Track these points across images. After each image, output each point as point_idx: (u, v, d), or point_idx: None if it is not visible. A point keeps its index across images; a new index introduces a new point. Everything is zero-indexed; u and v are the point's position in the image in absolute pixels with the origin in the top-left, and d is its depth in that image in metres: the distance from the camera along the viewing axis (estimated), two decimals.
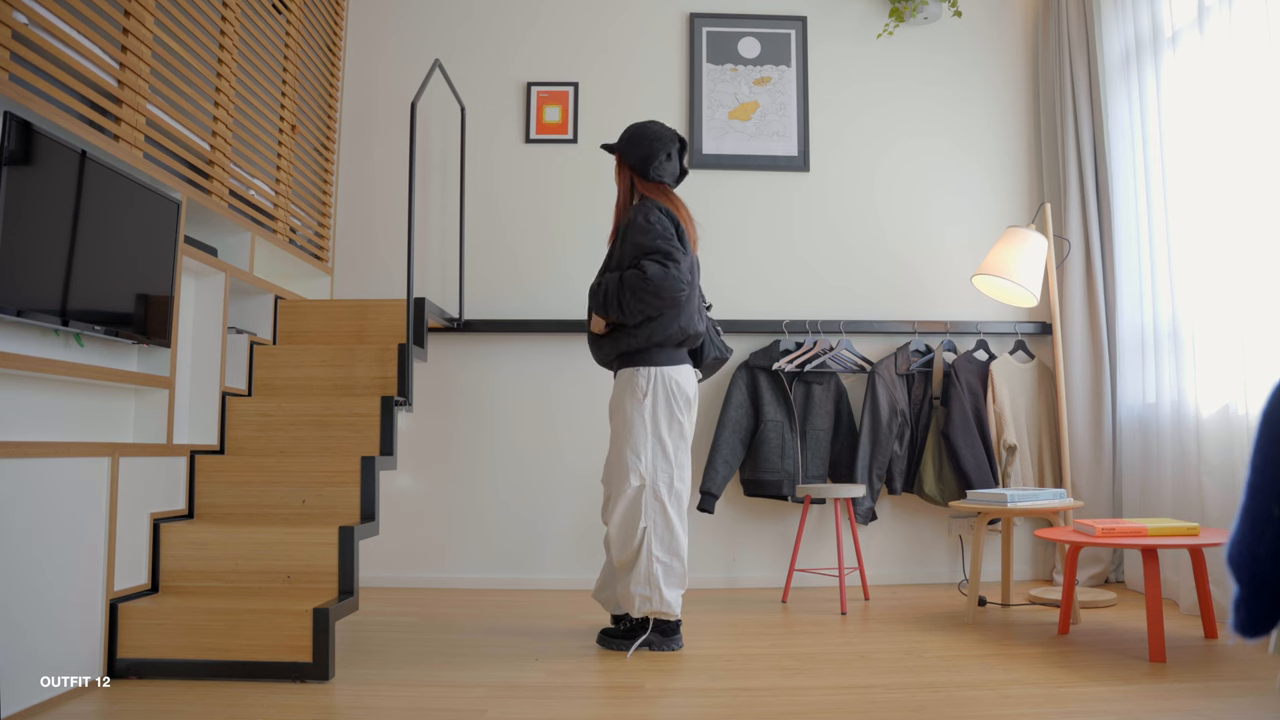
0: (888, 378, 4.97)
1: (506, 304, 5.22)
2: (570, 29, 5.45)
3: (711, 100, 5.38)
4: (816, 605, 4.47)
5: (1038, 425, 5.03)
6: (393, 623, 4.09)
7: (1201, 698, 2.82)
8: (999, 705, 2.81)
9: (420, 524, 5.07)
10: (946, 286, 5.29)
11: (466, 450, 5.13)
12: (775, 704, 2.86)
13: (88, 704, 2.84)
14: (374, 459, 3.77)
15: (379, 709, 2.84)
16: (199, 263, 3.79)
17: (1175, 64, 4.34)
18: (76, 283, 2.97)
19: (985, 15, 5.53)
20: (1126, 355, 4.78)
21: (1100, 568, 4.85)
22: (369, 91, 5.42)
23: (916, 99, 5.47)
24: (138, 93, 3.40)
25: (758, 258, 5.28)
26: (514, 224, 5.31)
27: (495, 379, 5.17)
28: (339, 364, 4.28)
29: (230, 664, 3.12)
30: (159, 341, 3.45)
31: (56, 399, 3.11)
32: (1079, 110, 5.05)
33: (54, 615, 2.87)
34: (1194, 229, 4.19)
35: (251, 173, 4.35)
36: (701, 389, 5.06)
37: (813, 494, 4.52)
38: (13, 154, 2.67)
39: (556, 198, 5.32)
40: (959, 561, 5.11)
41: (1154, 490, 4.48)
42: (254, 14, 4.34)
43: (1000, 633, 3.81)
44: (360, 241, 5.31)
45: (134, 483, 3.31)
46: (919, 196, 5.39)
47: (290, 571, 3.46)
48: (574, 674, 3.24)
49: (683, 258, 3.52)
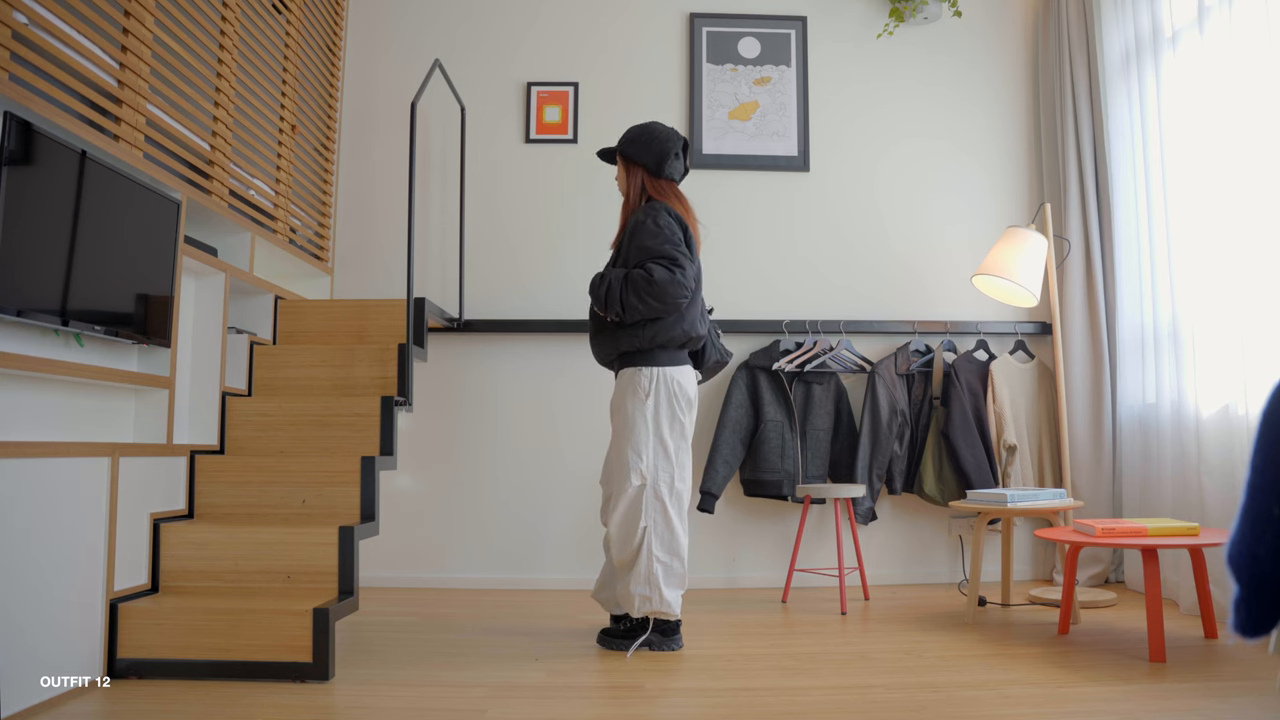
0: (888, 378, 4.97)
1: (506, 304, 5.22)
2: (570, 29, 5.45)
3: (712, 100, 5.38)
4: (816, 605, 4.47)
5: (1038, 425, 5.03)
6: (393, 623, 4.09)
7: (1201, 698, 2.82)
8: (999, 705, 2.81)
9: (420, 524, 5.07)
10: (946, 286, 5.29)
11: (466, 450, 5.13)
12: (775, 704, 2.86)
13: (88, 704, 2.84)
14: (374, 459, 3.77)
15: (379, 709, 2.84)
16: (199, 263, 3.79)
17: (1175, 64, 4.34)
18: (76, 283, 2.97)
19: (985, 15, 5.53)
20: (1126, 355, 4.78)
21: (1100, 568, 4.86)
22: (369, 91, 5.42)
23: (916, 99, 5.47)
24: (138, 93, 3.40)
25: (758, 258, 5.28)
26: (514, 224, 5.30)
27: (495, 379, 5.17)
28: (339, 364, 4.28)
29: (230, 664, 3.12)
30: (159, 341, 3.44)
31: (56, 399, 3.11)
32: (1079, 110, 5.05)
33: (54, 615, 2.87)
34: (1194, 229, 4.18)
35: (251, 172, 4.35)
36: (701, 389, 5.06)
37: (813, 494, 4.52)
38: (13, 154, 2.67)
39: (556, 198, 5.32)
40: (959, 561, 5.11)
41: (1154, 490, 4.48)
42: (254, 14, 4.34)
43: (1000, 633, 3.81)
44: (360, 241, 5.31)
45: (134, 483, 3.31)
46: (919, 196, 5.39)
47: (290, 571, 3.46)
48: (574, 674, 3.24)
49: (689, 264, 3.52)
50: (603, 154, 3.89)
